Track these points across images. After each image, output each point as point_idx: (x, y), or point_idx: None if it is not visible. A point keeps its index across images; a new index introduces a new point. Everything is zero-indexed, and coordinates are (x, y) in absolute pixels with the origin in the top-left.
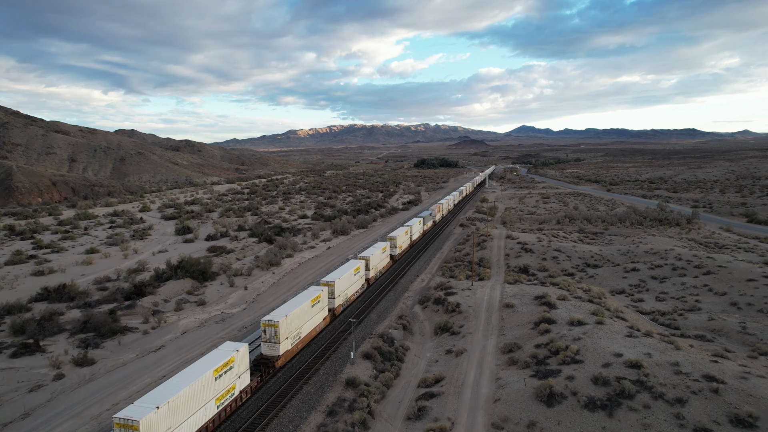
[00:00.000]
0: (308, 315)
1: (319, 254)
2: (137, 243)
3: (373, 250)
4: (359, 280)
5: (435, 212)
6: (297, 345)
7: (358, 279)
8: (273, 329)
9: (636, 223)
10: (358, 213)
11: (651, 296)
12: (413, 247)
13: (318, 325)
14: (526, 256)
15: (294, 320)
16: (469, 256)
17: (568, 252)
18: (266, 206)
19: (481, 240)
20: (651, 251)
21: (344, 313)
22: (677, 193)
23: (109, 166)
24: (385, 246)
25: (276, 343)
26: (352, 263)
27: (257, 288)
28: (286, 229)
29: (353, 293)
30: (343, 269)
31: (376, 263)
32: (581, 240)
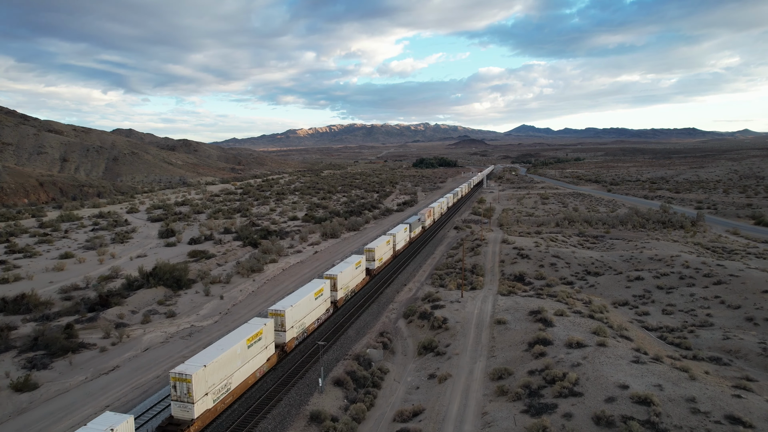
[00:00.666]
0: (241, 360)
1: (304, 259)
2: (117, 247)
3: (344, 265)
4: (322, 304)
5: (425, 217)
6: (225, 399)
7: (321, 303)
8: (185, 385)
9: (638, 226)
10: (350, 214)
11: (657, 309)
12: (401, 255)
13: (260, 368)
14: (523, 262)
15: (219, 369)
16: (462, 263)
17: (567, 258)
18: (257, 207)
19: (474, 245)
20: (656, 258)
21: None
22: (680, 194)
23: (102, 166)
24: (359, 260)
25: (189, 402)
26: (314, 284)
27: (234, 297)
28: (273, 232)
29: (312, 322)
30: (301, 292)
31: (347, 281)
32: (581, 244)
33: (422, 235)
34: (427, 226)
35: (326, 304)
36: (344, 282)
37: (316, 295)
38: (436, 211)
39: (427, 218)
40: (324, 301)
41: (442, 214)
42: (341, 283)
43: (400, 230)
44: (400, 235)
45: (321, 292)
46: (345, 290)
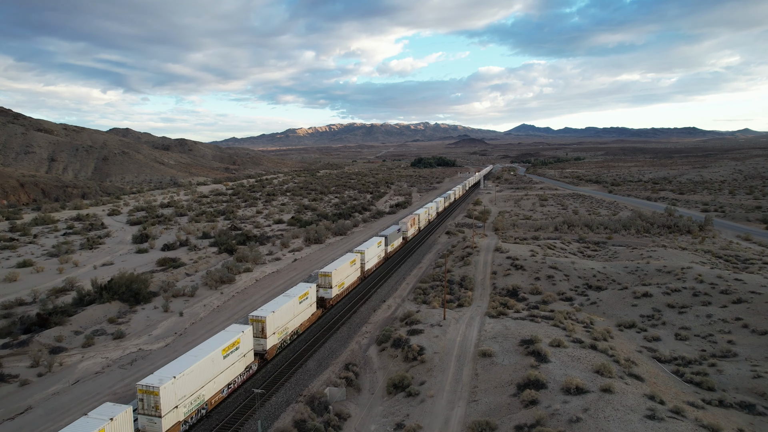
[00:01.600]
0: None
1: (281, 268)
2: (84, 254)
3: (283, 299)
4: (237, 364)
5: (406, 227)
6: None
7: (236, 361)
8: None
9: (642, 231)
10: (339, 217)
11: (669, 332)
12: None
13: None
14: (517, 274)
15: None
16: (451, 274)
17: (566, 270)
18: (244, 209)
19: (465, 253)
20: (664, 269)
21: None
22: (684, 195)
23: (91, 166)
24: (306, 291)
25: None
26: (228, 333)
27: (196, 313)
28: (253, 238)
29: (215, 395)
30: (201, 351)
31: (284, 322)
32: (581, 252)
33: (403, 247)
34: (409, 236)
35: (246, 359)
36: (278, 324)
37: (225, 352)
38: (422, 218)
39: (409, 227)
40: (239, 358)
41: (430, 221)
42: (273, 326)
43: (371, 245)
44: (371, 252)
45: (233, 347)
46: (280, 334)
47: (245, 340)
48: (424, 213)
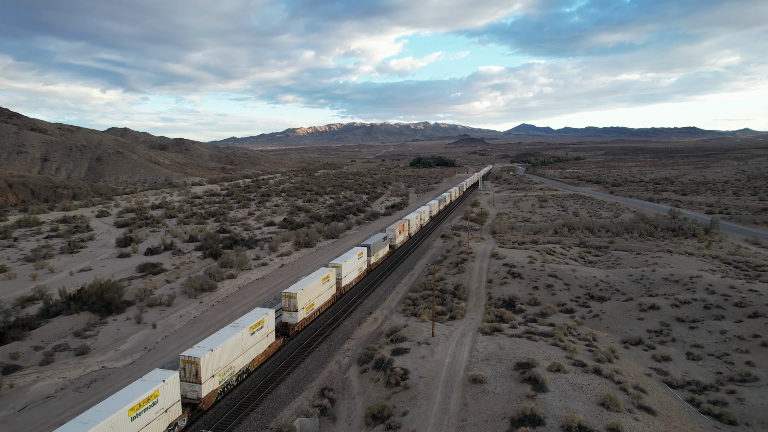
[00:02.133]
0: None
1: (266, 275)
2: (63, 258)
3: (230, 331)
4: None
5: (394, 234)
6: None
7: (153, 420)
8: None
9: (646, 234)
10: (332, 219)
11: (680, 351)
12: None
13: None
14: (514, 282)
15: None
16: (444, 282)
17: (567, 278)
18: (235, 211)
19: (460, 259)
20: (672, 278)
21: None
22: (687, 196)
23: (85, 166)
24: (260, 320)
25: None
26: (145, 383)
27: (170, 325)
28: (241, 241)
29: None
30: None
31: (229, 361)
32: (582, 257)
33: (392, 256)
34: (398, 244)
35: (167, 415)
36: (221, 364)
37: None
38: (413, 223)
39: (398, 235)
40: (160, 414)
41: (422, 226)
42: (213, 367)
43: (351, 257)
44: (349, 265)
45: (153, 399)
46: (223, 376)
47: (167, 392)
48: (416, 218)
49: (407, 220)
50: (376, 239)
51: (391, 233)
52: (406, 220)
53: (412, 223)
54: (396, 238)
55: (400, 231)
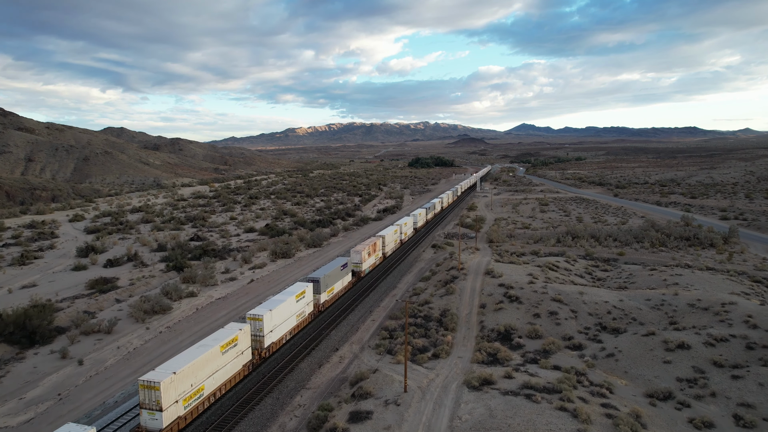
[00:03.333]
0: None
1: (231, 293)
2: (11, 271)
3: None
4: None
5: (362, 257)
6: None
7: None
8: None
9: (658, 244)
10: (318, 225)
11: (724, 410)
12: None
13: None
14: (511, 308)
15: None
16: (429, 307)
17: (573, 303)
18: (218, 215)
19: (449, 277)
20: (699, 305)
21: None
22: (696, 199)
23: (71, 167)
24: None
25: None
26: None
27: (101, 360)
28: (212, 251)
29: None
30: None
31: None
32: (589, 272)
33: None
34: (365, 269)
35: None
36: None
37: None
38: (389, 240)
39: (366, 257)
40: None
41: (403, 241)
42: (173, 393)
43: (281, 302)
44: (276, 316)
45: None
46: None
47: None
48: (393, 233)
49: (381, 237)
50: (330, 268)
51: (357, 256)
52: (379, 238)
53: (387, 240)
54: (363, 262)
55: (370, 252)
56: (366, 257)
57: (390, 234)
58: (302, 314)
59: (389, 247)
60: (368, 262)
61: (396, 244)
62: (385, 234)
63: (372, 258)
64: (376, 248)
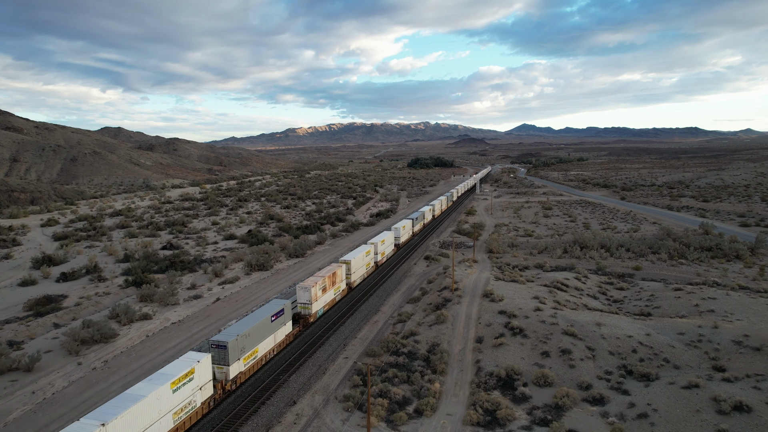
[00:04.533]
0: None
1: (191, 314)
2: None
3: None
4: None
5: (312, 295)
6: None
7: None
8: None
9: (677, 255)
10: (305, 231)
11: None
12: None
13: None
14: (514, 343)
15: None
16: (414, 340)
17: (590, 337)
18: (200, 219)
19: (441, 300)
20: (746, 341)
21: None
22: (709, 203)
23: (57, 167)
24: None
25: None
26: None
27: (5, 412)
28: (180, 263)
29: None
30: None
31: None
32: (603, 291)
33: (300, 335)
34: (316, 311)
35: None
36: None
37: None
38: (355, 266)
39: (318, 296)
40: None
41: (378, 265)
42: None
43: (144, 397)
44: (134, 418)
45: None
46: None
47: None
48: (364, 255)
49: (344, 264)
50: (259, 317)
51: (305, 294)
52: (340, 265)
53: (355, 266)
54: (314, 301)
55: (326, 286)
56: (318, 294)
57: (359, 258)
58: (193, 404)
59: (357, 275)
60: (323, 299)
61: (368, 269)
62: (351, 258)
63: (329, 293)
64: (335, 280)
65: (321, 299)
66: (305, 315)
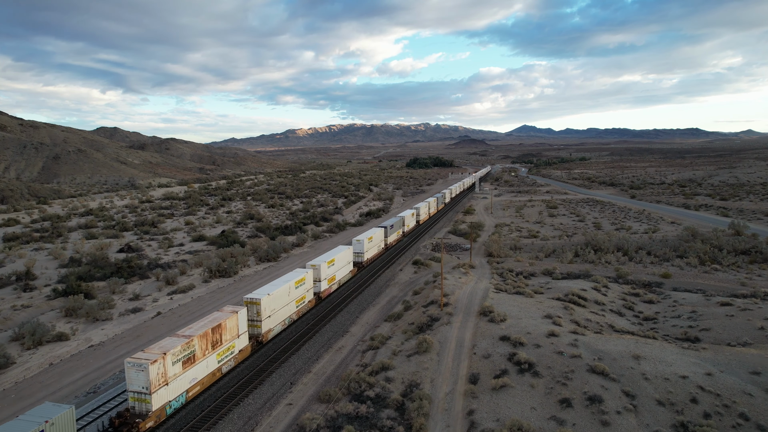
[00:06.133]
0: None
1: (120, 333)
2: None
3: None
4: None
5: (148, 375)
6: None
7: None
8: None
9: (708, 260)
10: (284, 231)
11: None
12: None
13: None
14: (521, 386)
15: None
16: (386, 377)
17: (627, 377)
18: (174, 219)
19: (426, 320)
20: None
21: None
22: (727, 201)
23: (38, 165)
24: None
25: None
26: None
27: None
28: (128, 268)
29: None
30: None
31: None
32: (629, 306)
33: None
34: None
35: None
36: None
37: None
38: (266, 307)
39: (158, 383)
40: None
41: (320, 297)
42: None
43: None
44: None
45: None
46: None
47: None
48: (285, 292)
49: (232, 314)
50: None
51: (139, 377)
52: (231, 314)
53: (265, 306)
54: (154, 391)
55: (197, 354)
56: (158, 381)
57: (279, 293)
58: None
59: (272, 323)
60: (175, 388)
61: (302, 306)
62: (274, 293)
63: (189, 372)
64: (216, 339)
65: (170, 387)
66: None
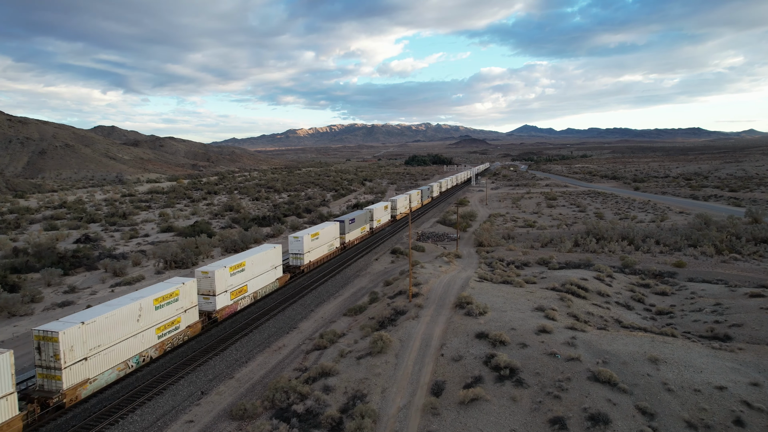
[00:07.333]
0: None
1: (29, 332)
2: None
3: None
4: None
5: None
6: None
7: None
8: None
9: (726, 249)
10: (262, 222)
11: None
12: None
13: None
14: (499, 399)
15: None
16: (327, 385)
17: (641, 387)
18: (150, 211)
19: (389, 313)
20: None
21: None
22: (737, 192)
23: (24, 160)
24: None
25: None
26: None
27: None
28: (73, 258)
29: None
30: None
31: None
32: (638, 298)
33: None
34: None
35: None
36: None
37: None
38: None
39: None
40: None
41: (203, 325)
42: None
43: None
44: None
45: None
46: None
47: None
48: (117, 317)
49: None
50: None
51: None
52: None
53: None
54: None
55: None
56: None
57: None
58: None
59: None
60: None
61: (172, 333)
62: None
63: None
64: None
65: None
66: None
